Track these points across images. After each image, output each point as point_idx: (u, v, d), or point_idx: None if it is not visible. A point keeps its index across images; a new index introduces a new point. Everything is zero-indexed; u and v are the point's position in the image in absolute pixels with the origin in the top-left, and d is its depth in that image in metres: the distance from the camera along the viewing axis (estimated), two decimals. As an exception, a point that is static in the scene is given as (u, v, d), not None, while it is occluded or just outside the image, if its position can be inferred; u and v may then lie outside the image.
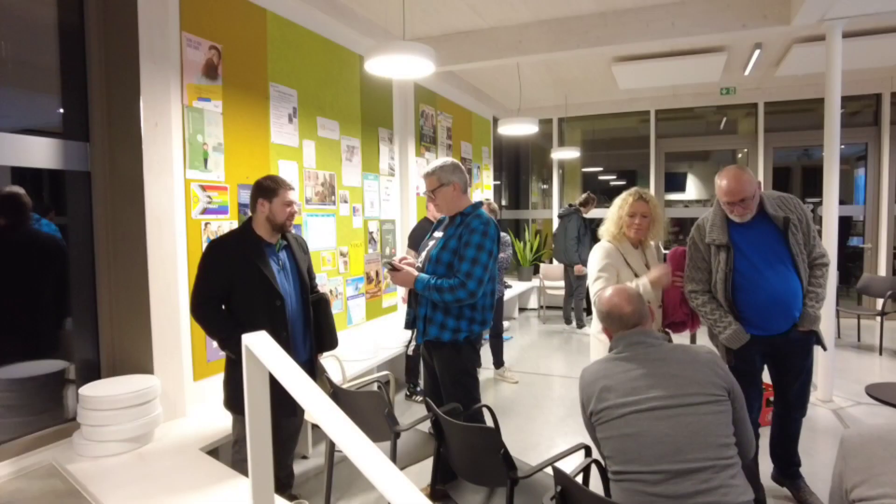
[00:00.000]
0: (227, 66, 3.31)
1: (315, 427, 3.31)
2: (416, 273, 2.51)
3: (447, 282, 2.42)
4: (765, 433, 2.73)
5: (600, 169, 9.71)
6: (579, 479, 1.95)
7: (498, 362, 4.87)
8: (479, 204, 2.62)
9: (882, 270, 6.79)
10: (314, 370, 2.63)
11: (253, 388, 1.22)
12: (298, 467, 3.23)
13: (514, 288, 7.27)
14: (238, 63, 3.39)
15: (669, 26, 4.40)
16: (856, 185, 7.52)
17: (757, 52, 5.50)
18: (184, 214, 3.06)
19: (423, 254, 2.63)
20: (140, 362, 2.82)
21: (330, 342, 2.72)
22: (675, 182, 10.60)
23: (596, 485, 1.99)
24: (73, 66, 2.75)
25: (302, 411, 2.64)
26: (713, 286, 2.54)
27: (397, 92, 5.20)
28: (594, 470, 1.95)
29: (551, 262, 7.82)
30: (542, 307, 7.78)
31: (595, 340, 2.74)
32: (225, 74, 3.30)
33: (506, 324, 6.92)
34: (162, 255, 2.85)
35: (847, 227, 7.89)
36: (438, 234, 2.64)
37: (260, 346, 1.18)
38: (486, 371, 5.01)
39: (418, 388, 4.23)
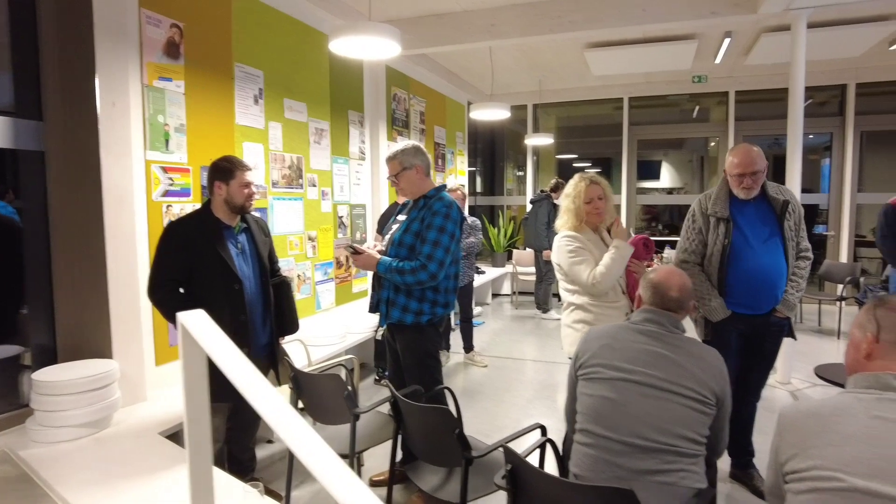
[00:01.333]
0: (189, 46, 3.23)
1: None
2: (378, 256, 2.51)
3: (409, 264, 2.42)
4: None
5: (575, 156, 9.76)
6: (534, 457, 1.99)
7: (468, 347, 4.91)
8: (443, 187, 2.62)
9: (843, 257, 6.97)
10: (275, 354, 2.61)
11: (190, 369, 1.19)
12: (262, 452, 3.22)
13: (488, 273, 7.31)
14: (201, 42, 3.31)
15: (641, 12, 4.42)
16: (822, 175, 7.68)
17: (727, 40, 5.56)
18: (144, 196, 2.99)
19: (387, 237, 2.63)
20: (98, 346, 2.76)
21: (291, 326, 2.70)
22: (649, 169, 10.71)
23: (551, 464, 2.03)
24: (24, 41, 2.65)
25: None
26: (708, 258, 2.64)
27: (368, 74, 5.14)
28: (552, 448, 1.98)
29: (525, 248, 7.86)
30: (514, 293, 7.83)
31: (567, 329, 2.68)
32: (187, 54, 3.22)
33: (479, 309, 6.97)
34: (121, 238, 2.79)
35: (814, 215, 8.08)
36: (402, 217, 2.63)
37: (196, 325, 1.16)
38: (455, 355, 5.05)
39: (387, 373, 4.23)
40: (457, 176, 7.40)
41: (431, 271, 2.39)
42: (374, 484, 2.85)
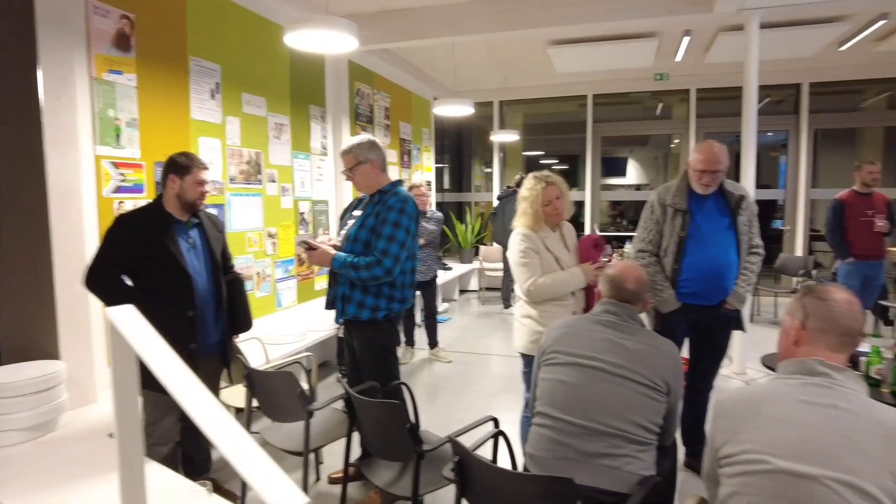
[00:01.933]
0: (141, 38, 3.14)
1: (239, 411, 3.25)
2: (332, 252, 2.48)
3: (364, 259, 2.40)
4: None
5: (542, 153, 9.85)
6: (487, 449, 2.00)
7: (432, 343, 4.91)
8: (399, 182, 2.60)
9: (798, 251, 7.19)
10: (227, 351, 2.57)
11: (119, 366, 1.17)
12: (218, 452, 3.17)
13: (455, 269, 7.32)
14: (154, 35, 3.23)
15: (602, 9, 4.48)
16: (780, 171, 7.91)
17: (686, 38, 5.66)
18: (94, 192, 2.90)
19: (342, 233, 2.61)
20: (44, 347, 2.68)
21: (244, 323, 2.66)
22: (615, 166, 10.87)
23: (504, 456, 2.04)
24: (-39, 30, 2.55)
25: (216, 392, 2.59)
26: (664, 249, 2.70)
27: (330, 68, 5.09)
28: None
29: (492, 244, 7.89)
30: (481, 289, 7.86)
31: (518, 324, 2.71)
32: (139, 46, 3.13)
33: (445, 305, 6.98)
34: (68, 235, 2.71)
35: (772, 210, 8.30)
36: (357, 212, 2.61)
37: (125, 320, 1.13)
38: (420, 351, 5.04)
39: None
40: (423, 172, 7.39)
41: (387, 266, 2.38)
42: (332, 481, 2.83)
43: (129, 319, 1.21)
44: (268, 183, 4.24)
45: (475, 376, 4.51)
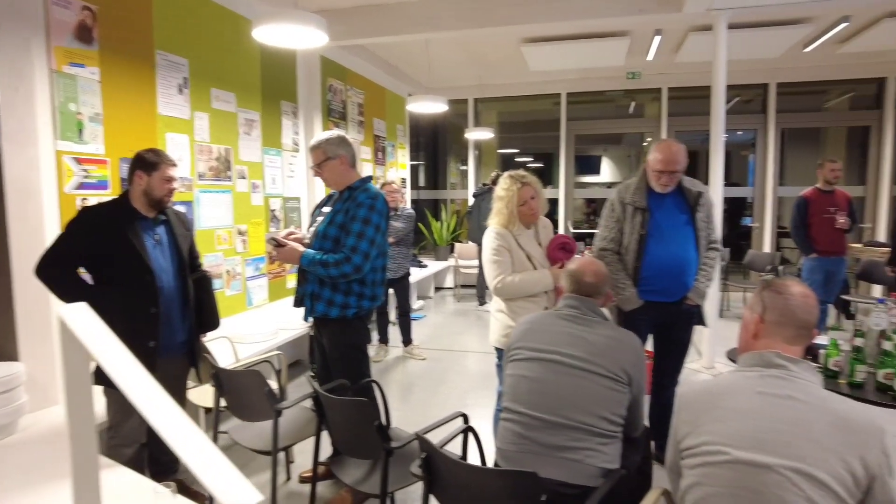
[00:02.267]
0: (104, 30, 3.06)
1: (208, 411, 3.20)
2: (301, 249, 2.46)
3: (333, 256, 2.38)
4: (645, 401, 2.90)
5: (517, 150, 9.88)
6: (456, 444, 2.00)
7: (406, 340, 4.90)
8: (368, 178, 2.58)
9: (766, 247, 7.35)
10: (194, 350, 2.52)
11: (70, 365, 1.13)
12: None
13: (430, 267, 7.31)
14: (118, 27, 3.15)
15: (573, 8, 4.51)
16: (749, 169, 8.06)
17: (657, 37, 5.73)
18: (55, 189, 2.82)
19: (311, 229, 2.58)
20: (2, 349, 2.60)
21: (211, 322, 2.62)
22: (589, 164, 10.98)
23: (474, 451, 2.05)
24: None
25: (180, 395, 2.55)
26: (625, 247, 2.71)
27: (302, 64, 5.03)
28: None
29: (468, 241, 7.90)
30: (457, 286, 7.87)
31: (493, 318, 2.78)
32: (102, 39, 3.05)
33: (420, 303, 6.97)
34: (28, 232, 2.63)
35: (742, 207, 8.47)
36: (326, 209, 2.59)
37: (77, 319, 1.10)
38: (394, 349, 5.03)
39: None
40: (398, 169, 7.36)
41: (356, 264, 2.36)
42: (303, 480, 2.80)
43: (81, 317, 1.18)
44: (238, 179, 4.18)
45: (449, 373, 4.51)
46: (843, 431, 1.20)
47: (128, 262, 2.24)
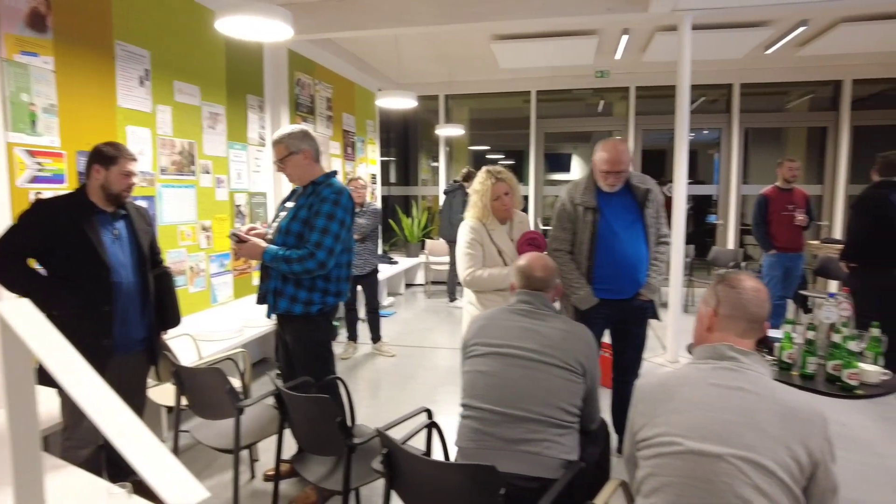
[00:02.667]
0: (59, 18, 2.97)
1: (170, 410, 3.14)
2: (263, 244, 2.42)
3: (296, 252, 2.35)
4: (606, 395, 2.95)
5: (488, 147, 9.91)
6: (420, 439, 2.00)
7: (375, 337, 4.87)
8: (333, 173, 2.56)
9: (730, 244, 7.53)
10: (154, 348, 2.47)
11: (11, 367, 1.09)
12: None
13: (401, 263, 7.29)
14: (74, 15, 3.06)
15: (542, 6, 4.54)
16: (715, 168, 8.24)
17: (625, 37, 5.81)
18: (6, 182, 2.73)
19: (274, 225, 2.54)
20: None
21: (172, 319, 2.57)
22: (559, 162, 11.07)
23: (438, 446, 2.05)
24: None
25: (139, 394, 2.49)
26: (577, 246, 2.73)
27: (268, 57, 4.95)
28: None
29: (439, 238, 7.90)
30: (428, 283, 7.86)
31: (465, 312, 2.85)
32: (57, 27, 2.96)
33: (391, 299, 6.95)
34: (-24, 227, 2.53)
35: (708, 205, 8.66)
36: (290, 204, 2.55)
37: (18, 316, 1.06)
38: (363, 346, 5.00)
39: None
40: (368, 165, 7.31)
41: (320, 259, 2.34)
42: (268, 479, 2.77)
43: (22, 313, 1.14)
44: (202, 174, 4.10)
45: (418, 369, 4.51)
46: (788, 421, 1.23)
47: (82, 257, 2.18)
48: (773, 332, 2.59)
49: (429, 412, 2.07)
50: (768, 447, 1.21)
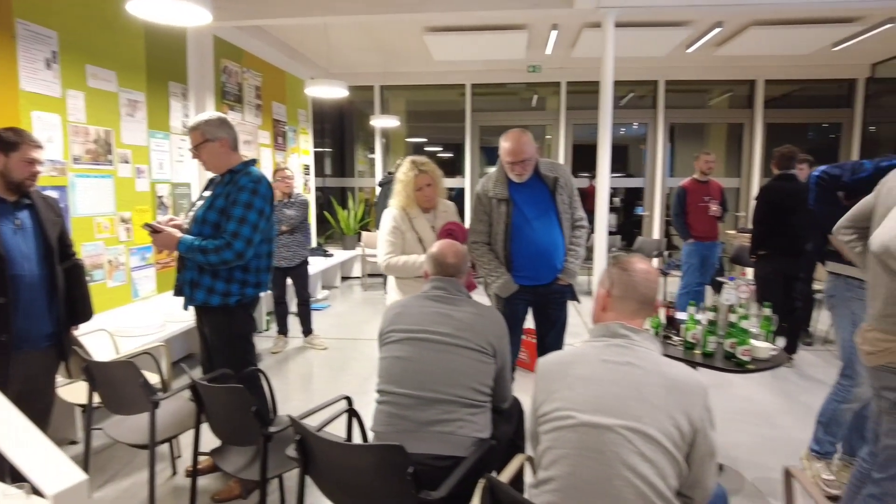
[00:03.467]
0: (-51, -7, 2.77)
1: (84, 409, 3.01)
2: (178, 235, 2.36)
3: (212, 242, 2.31)
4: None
5: (425, 140, 9.93)
6: (339, 426, 2.02)
7: (306, 330, 4.82)
8: (252, 162, 2.52)
9: (656, 234, 7.88)
10: (64, 343, 2.37)
11: None
12: (65, 453, 2.92)
13: (337, 256, 7.22)
14: (-33, -10, 2.86)
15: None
16: (646, 161, 8.58)
17: (554, 32, 5.95)
18: None
19: (190, 214, 2.48)
20: None
21: (83, 313, 2.47)
22: (496, 155, 11.22)
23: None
24: None
25: (47, 392, 2.38)
26: (494, 237, 2.79)
27: (192, 44, 4.78)
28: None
29: (376, 230, 7.86)
30: (364, 275, 7.83)
31: (388, 300, 2.94)
32: (-52, 3, 2.76)
33: (325, 292, 6.88)
34: None
35: (638, 197, 8.99)
36: (207, 193, 2.50)
37: None
38: (294, 340, 4.94)
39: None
40: (300, 155, 7.18)
41: (237, 250, 2.30)
42: (190, 474, 2.71)
43: None
44: (120, 164, 3.93)
45: (350, 361, 4.51)
46: (672, 392, 1.33)
47: (-23, 248, 2.06)
48: (680, 315, 2.75)
49: (348, 399, 2.09)
50: (653, 417, 1.30)
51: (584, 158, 8.77)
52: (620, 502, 1.26)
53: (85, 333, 2.89)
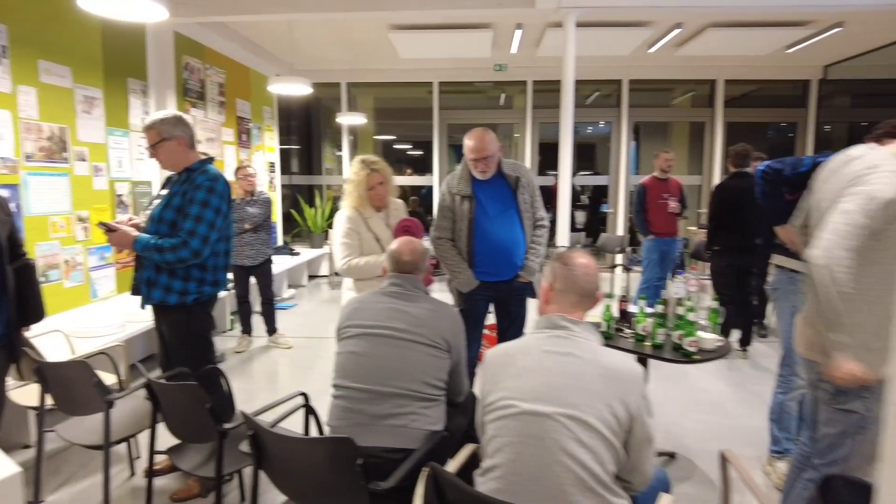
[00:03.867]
0: None
1: (38, 413, 2.96)
2: (134, 233, 2.34)
3: (169, 241, 2.30)
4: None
5: (394, 137, 9.93)
6: (295, 421, 2.04)
7: (270, 329, 4.79)
8: (209, 160, 2.51)
9: (620, 230, 8.04)
10: (14, 344, 2.32)
11: None
12: (19, 457, 2.87)
13: (304, 255, 7.18)
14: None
15: (434, -2, 4.63)
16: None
17: (518, 31, 6.03)
18: None
19: (146, 213, 2.46)
20: None
21: (35, 314, 2.41)
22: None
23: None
24: None
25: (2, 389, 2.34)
26: (457, 233, 2.84)
27: (152, 39, 4.70)
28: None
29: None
30: (332, 274, 7.81)
31: (344, 299, 2.93)
32: None
33: (292, 291, 6.84)
34: None
35: (604, 194, 9.14)
36: (164, 191, 2.48)
37: None
38: (259, 339, 4.92)
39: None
40: (266, 152, 7.12)
41: (194, 248, 2.30)
42: (147, 474, 2.69)
43: None
44: (76, 162, 3.85)
45: (317, 360, 4.50)
46: (609, 380, 1.39)
47: (-80, 250, 2.01)
48: (633, 308, 2.83)
49: (305, 395, 2.11)
50: (591, 405, 1.36)
51: (550, 157, 8.89)
52: (559, 487, 1.32)
53: (39, 335, 2.84)
